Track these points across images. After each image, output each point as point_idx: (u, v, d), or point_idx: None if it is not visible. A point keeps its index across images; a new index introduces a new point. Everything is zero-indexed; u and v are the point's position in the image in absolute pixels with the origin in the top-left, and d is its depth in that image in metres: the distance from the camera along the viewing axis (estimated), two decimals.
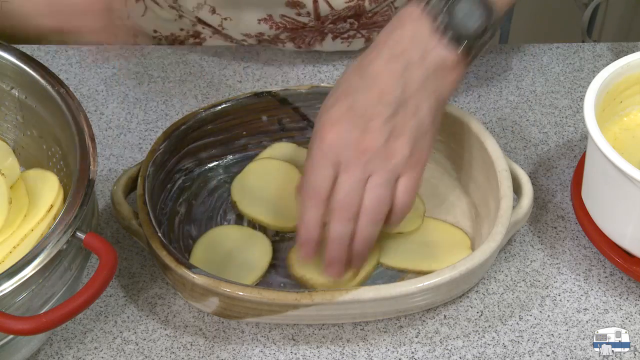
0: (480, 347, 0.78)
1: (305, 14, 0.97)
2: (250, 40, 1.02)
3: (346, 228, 0.74)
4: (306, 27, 0.99)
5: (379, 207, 0.74)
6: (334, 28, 0.99)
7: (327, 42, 1.01)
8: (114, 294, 0.81)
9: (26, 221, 0.76)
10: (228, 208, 0.87)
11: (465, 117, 0.86)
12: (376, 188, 0.74)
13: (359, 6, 0.97)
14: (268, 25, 0.98)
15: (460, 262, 0.76)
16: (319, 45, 1.02)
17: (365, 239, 0.75)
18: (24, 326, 0.63)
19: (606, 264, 0.84)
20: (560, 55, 1.04)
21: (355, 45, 1.02)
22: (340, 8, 0.97)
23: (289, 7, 0.96)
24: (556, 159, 0.93)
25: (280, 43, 1.01)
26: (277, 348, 0.78)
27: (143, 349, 0.78)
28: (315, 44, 1.01)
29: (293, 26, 0.98)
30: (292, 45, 1.01)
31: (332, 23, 0.98)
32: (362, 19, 0.99)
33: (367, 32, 1.01)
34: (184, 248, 0.83)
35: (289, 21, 0.98)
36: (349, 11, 0.97)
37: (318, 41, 1.01)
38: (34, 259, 0.65)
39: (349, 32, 1.00)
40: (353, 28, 1.00)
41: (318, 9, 0.97)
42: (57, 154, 0.79)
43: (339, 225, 0.74)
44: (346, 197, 0.74)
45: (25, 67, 0.78)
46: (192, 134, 0.87)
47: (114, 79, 1.00)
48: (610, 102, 0.83)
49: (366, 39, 1.02)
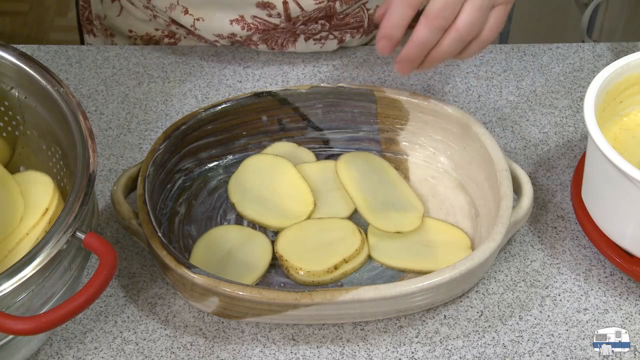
0: (480, 347, 0.78)
1: (276, 15, 0.97)
2: (222, 41, 1.01)
3: (433, 36, 0.76)
4: (277, 28, 0.99)
5: (471, 29, 0.76)
6: (306, 29, 0.99)
7: (299, 44, 1.01)
8: (114, 294, 0.81)
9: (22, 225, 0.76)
10: (228, 208, 0.87)
11: (465, 117, 0.87)
12: (474, 10, 0.75)
13: (330, 7, 0.97)
14: (240, 26, 0.98)
15: (460, 262, 0.76)
16: (292, 46, 1.02)
17: (444, 53, 0.77)
18: (23, 326, 0.63)
19: (606, 264, 0.84)
20: (560, 55, 1.04)
21: (328, 47, 1.02)
22: (311, 9, 0.97)
23: (260, 8, 0.96)
24: (556, 159, 0.93)
25: (253, 44, 1.01)
26: (277, 348, 0.78)
27: (143, 349, 0.78)
28: (288, 45, 1.01)
29: (264, 27, 0.98)
30: (265, 47, 1.01)
31: (303, 24, 0.98)
32: (333, 20, 0.99)
33: (339, 33, 1.01)
34: (184, 248, 0.83)
35: (260, 22, 0.98)
36: (320, 12, 0.97)
37: (291, 42, 1.01)
38: (33, 259, 0.65)
39: (320, 34, 1.00)
40: (324, 29, 1.00)
41: (288, 10, 0.97)
42: (57, 154, 0.79)
43: (427, 31, 0.76)
44: (444, 8, 0.75)
45: (25, 67, 0.78)
46: (192, 134, 0.87)
47: (114, 79, 1.00)
48: (610, 102, 0.83)
49: (339, 40, 1.02)
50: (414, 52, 0.77)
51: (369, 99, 0.89)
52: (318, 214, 0.86)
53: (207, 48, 1.04)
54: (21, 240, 0.75)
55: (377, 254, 0.83)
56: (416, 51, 0.77)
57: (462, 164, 0.88)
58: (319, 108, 0.90)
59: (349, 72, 1.02)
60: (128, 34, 1.07)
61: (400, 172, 0.90)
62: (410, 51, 0.77)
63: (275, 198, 0.87)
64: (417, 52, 0.77)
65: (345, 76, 1.01)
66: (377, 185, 0.87)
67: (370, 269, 0.83)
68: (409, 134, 0.91)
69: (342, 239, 0.83)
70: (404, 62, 0.78)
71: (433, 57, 0.78)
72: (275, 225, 0.85)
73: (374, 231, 0.84)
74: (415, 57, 0.78)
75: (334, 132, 0.91)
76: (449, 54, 0.78)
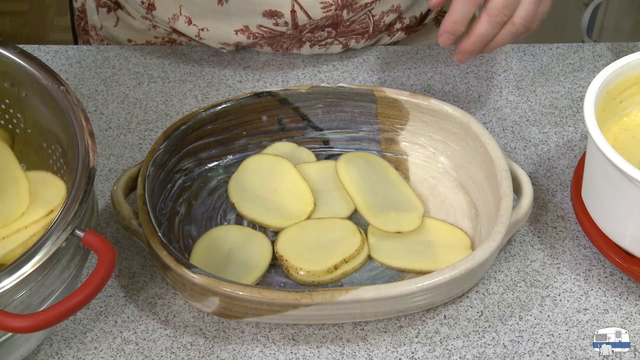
0: (480, 347, 0.78)
1: (283, 24, 0.97)
2: (228, 47, 1.01)
3: (494, 30, 0.82)
4: (284, 35, 0.99)
5: (527, 23, 0.82)
6: (312, 37, 0.99)
7: (304, 49, 1.02)
8: (114, 294, 0.81)
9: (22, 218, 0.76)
10: (228, 208, 0.87)
11: (465, 117, 0.86)
12: (531, 5, 0.81)
13: (337, 16, 0.97)
14: (245, 35, 0.98)
15: (460, 262, 0.76)
16: (297, 51, 1.02)
17: (500, 44, 0.84)
18: (22, 324, 0.63)
19: (606, 264, 0.84)
20: (560, 55, 1.04)
21: (333, 50, 1.02)
22: (318, 18, 0.97)
23: (267, 17, 0.96)
24: (556, 159, 0.93)
25: (259, 46, 1.01)
26: (277, 348, 0.78)
27: (143, 349, 0.78)
28: (292, 49, 1.01)
29: (270, 35, 0.98)
30: (270, 50, 1.01)
31: (309, 32, 0.99)
32: (339, 27, 0.99)
33: (345, 39, 1.01)
34: (184, 248, 0.83)
35: (266, 31, 0.98)
36: (327, 20, 0.98)
37: (296, 47, 1.01)
38: (33, 256, 0.65)
39: (326, 40, 1.00)
40: (330, 36, 1.00)
41: (296, 19, 0.97)
42: (58, 152, 0.79)
43: (488, 26, 0.82)
44: (505, 5, 0.81)
45: (25, 65, 0.78)
46: (192, 134, 0.87)
47: (114, 79, 1.00)
48: (610, 102, 0.83)
49: (343, 46, 1.02)
50: (475, 44, 0.83)
51: (369, 99, 0.89)
52: (318, 214, 0.86)
53: (207, 48, 1.03)
54: (18, 231, 0.75)
55: (377, 254, 0.83)
56: (477, 44, 0.83)
57: (462, 164, 0.88)
58: (319, 108, 0.90)
59: (349, 72, 1.02)
60: (127, 43, 1.07)
61: (400, 172, 0.90)
62: (472, 43, 0.84)
63: (275, 198, 0.87)
64: (478, 44, 0.84)
65: (345, 76, 1.01)
66: (377, 185, 0.87)
67: (370, 269, 0.83)
68: (409, 134, 0.91)
69: (342, 239, 0.83)
70: (465, 53, 0.84)
71: (489, 48, 0.85)
72: (275, 225, 0.85)
73: (374, 231, 0.84)
74: (476, 49, 0.84)
75: (334, 132, 0.91)
76: (503, 45, 0.85)
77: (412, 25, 1.06)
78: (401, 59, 1.03)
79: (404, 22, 1.05)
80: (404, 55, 1.04)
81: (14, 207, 0.76)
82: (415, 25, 1.06)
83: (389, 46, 1.05)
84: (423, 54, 1.04)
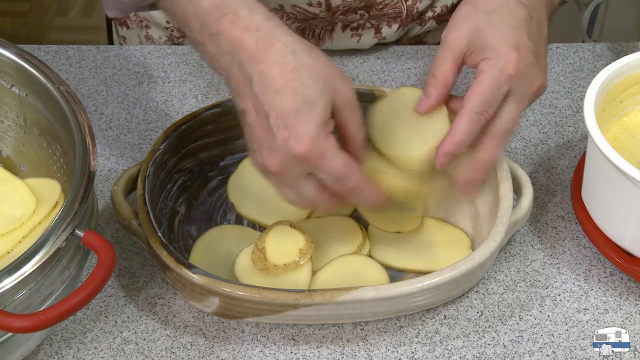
0: (480, 347, 0.78)
1: (316, 5, 0.98)
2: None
3: (499, 152, 0.78)
4: (317, 17, 0.99)
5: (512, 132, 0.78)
6: (344, 19, 1.00)
7: (336, 33, 1.01)
8: (114, 293, 0.81)
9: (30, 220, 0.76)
10: (228, 208, 0.87)
11: None
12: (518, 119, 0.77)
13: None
14: (279, 15, 0.98)
15: (460, 262, 0.76)
16: (329, 38, 1.02)
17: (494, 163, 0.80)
18: (21, 324, 0.63)
19: (606, 264, 0.84)
20: (560, 55, 1.04)
21: (365, 41, 1.02)
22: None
23: None
24: (556, 159, 0.93)
25: None
26: (277, 348, 0.78)
27: (143, 349, 0.78)
28: (325, 36, 1.01)
29: (304, 17, 0.99)
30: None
31: (342, 14, 0.99)
32: (372, 10, 1.00)
33: (377, 21, 1.01)
34: (184, 248, 0.83)
35: (300, 12, 0.98)
36: (360, 2, 0.98)
37: (328, 31, 1.01)
38: (33, 256, 0.65)
39: (358, 22, 1.01)
40: (363, 19, 1.00)
41: (329, 0, 0.97)
42: (58, 152, 0.79)
43: (496, 150, 0.77)
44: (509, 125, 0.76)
45: (25, 65, 0.78)
46: (192, 134, 0.87)
47: (114, 79, 1.00)
48: (610, 102, 0.83)
49: (375, 30, 1.02)
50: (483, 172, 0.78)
51: (369, 99, 0.89)
52: (318, 214, 0.86)
53: None
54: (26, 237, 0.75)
55: (377, 253, 0.83)
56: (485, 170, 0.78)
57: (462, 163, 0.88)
58: None
59: (349, 72, 1.02)
60: (165, 24, 1.06)
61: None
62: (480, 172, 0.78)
63: (275, 198, 0.86)
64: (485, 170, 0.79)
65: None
66: None
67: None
68: None
69: (343, 237, 0.83)
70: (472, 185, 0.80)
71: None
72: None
73: (374, 231, 0.84)
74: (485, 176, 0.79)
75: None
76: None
77: (443, 14, 1.05)
78: (401, 59, 1.03)
79: (435, 10, 1.05)
80: (404, 55, 1.04)
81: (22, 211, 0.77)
82: (447, 14, 1.06)
83: (389, 46, 1.05)
84: (423, 54, 1.04)
